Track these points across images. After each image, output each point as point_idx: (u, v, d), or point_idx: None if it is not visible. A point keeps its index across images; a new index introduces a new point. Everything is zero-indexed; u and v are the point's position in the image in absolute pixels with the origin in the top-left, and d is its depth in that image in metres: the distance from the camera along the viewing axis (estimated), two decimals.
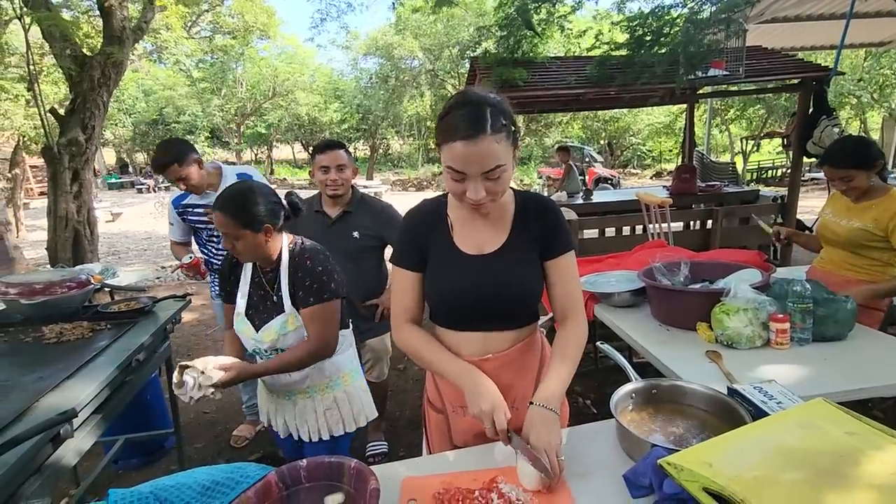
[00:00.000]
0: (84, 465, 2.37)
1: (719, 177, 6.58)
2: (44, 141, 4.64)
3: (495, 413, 0.98)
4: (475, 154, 0.95)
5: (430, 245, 1.15)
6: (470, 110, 0.96)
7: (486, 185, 0.99)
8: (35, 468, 1.19)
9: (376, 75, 19.72)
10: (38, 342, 1.78)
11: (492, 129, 0.95)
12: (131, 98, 20.60)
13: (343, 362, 1.62)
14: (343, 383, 1.61)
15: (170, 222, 2.48)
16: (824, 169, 1.97)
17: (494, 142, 0.96)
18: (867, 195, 1.94)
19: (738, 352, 1.56)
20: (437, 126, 1.02)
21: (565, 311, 1.17)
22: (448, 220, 1.16)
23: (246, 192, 1.41)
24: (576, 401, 2.88)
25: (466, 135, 0.94)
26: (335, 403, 1.59)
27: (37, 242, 8.48)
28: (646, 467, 0.90)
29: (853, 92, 13.87)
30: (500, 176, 0.99)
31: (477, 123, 0.94)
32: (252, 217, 1.38)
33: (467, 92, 1.02)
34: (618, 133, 22.20)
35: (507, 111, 1.00)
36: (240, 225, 1.37)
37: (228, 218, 1.37)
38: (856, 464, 0.79)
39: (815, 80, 4.32)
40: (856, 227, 1.93)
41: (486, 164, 0.97)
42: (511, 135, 1.00)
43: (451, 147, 0.96)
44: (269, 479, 0.91)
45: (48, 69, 8.15)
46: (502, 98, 1.02)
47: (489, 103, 0.98)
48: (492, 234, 1.14)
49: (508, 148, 1.00)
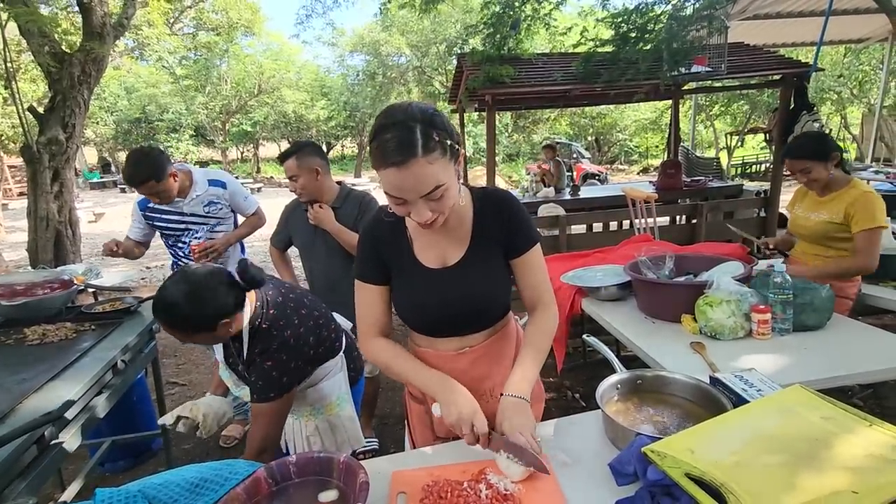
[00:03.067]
0: (69, 468, 2.34)
1: (704, 172, 6.67)
2: (22, 140, 4.54)
3: (475, 418, 0.98)
4: (409, 180, 0.90)
5: (391, 259, 1.13)
6: (396, 132, 0.89)
7: (430, 205, 0.95)
8: (19, 471, 1.18)
9: (363, 72, 19.59)
10: (20, 344, 1.76)
11: (423, 149, 0.88)
12: (113, 96, 20.19)
13: (329, 390, 1.52)
14: (326, 412, 1.53)
15: (132, 222, 2.44)
16: (786, 163, 2.04)
17: (427, 163, 0.89)
18: (830, 188, 2.01)
19: (721, 343, 1.60)
20: (369, 149, 0.94)
21: (534, 302, 1.18)
22: (407, 232, 1.14)
23: (185, 300, 1.18)
24: (564, 394, 2.91)
25: (396, 161, 0.88)
26: (317, 431, 1.52)
27: (16, 244, 8.31)
28: (630, 455, 0.91)
29: (833, 88, 14.13)
30: (441, 195, 0.93)
31: (406, 147, 0.88)
32: (200, 322, 1.21)
33: (392, 110, 0.93)
34: (605, 129, 22.35)
35: (441, 124, 0.92)
36: (189, 333, 1.22)
37: (175, 331, 1.22)
38: (831, 447, 0.81)
39: (795, 76, 4.39)
40: (823, 220, 2.01)
41: (423, 188, 0.91)
42: (448, 149, 0.93)
43: (385, 174, 0.90)
44: (258, 475, 0.92)
45: (26, 66, 7.97)
46: (433, 111, 0.94)
47: (417, 120, 0.90)
48: (452, 244, 1.11)
49: (447, 164, 0.93)
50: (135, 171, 2.15)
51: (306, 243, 2.24)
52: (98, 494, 0.83)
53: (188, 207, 2.37)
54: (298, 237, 2.26)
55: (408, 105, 0.94)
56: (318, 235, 2.18)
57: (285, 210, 2.33)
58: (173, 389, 3.34)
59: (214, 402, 1.38)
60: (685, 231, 4.65)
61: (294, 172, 2.07)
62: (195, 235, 2.42)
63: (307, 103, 21.47)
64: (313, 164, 2.08)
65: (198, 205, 2.39)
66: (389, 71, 18.84)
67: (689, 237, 4.40)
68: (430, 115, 0.92)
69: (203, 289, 1.20)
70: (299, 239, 2.26)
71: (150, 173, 2.15)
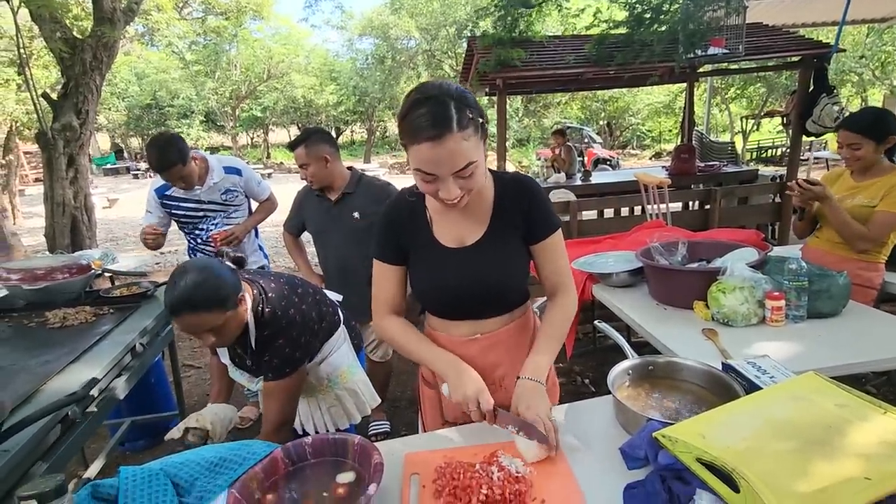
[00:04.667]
0: (92, 446, 2.42)
1: (718, 156, 6.56)
2: (37, 126, 4.60)
3: (480, 395, 1.00)
4: (443, 155, 0.90)
5: (409, 240, 1.14)
6: (432, 108, 0.89)
7: (459, 182, 0.95)
8: (45, 449, 1.22)
9: (372, 56, 19.43)
10: (42, 327, 1.80)
11: (458, 125, 0.89)
12: (124, 82, 20.28)
13: (338, 361, 1.61)
14: (341, 381, 1.62)
15: (147, 210, 2.41)
16: (839, 132, 1.97)
17: (462, 139, 0.90)
18: (871, 173, 1.95)
19: (733, 329, 1.59)
20: (400, 126, 0.94)
21: (555, 288, 1.18)
22: (427, 212, 1.14)
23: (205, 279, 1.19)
24: (574, 380, 2.92)
25: (431, 135, 0.88)
26: (338, 401, 1.61)
27: (34, 229, 8.45)
28: (641, 440, 0.92)
29: (854, 69, 13.71)
30: (472, 173, 0.94)
31: (442, 122, 0.88)
32: (227, 295, 1.22)
33: (425, 86, 0.94)
34: (617, 113, 21.99)
35: (472, 102, 0.94)
36: (221, 310, 1.21)
37: (203, 313, 1.19)
38: (844, 434, 0.81)
39: (815, 58, 4.27)
40: (858, 205, 1.94)
41: (456, 163, 0.92)
42: (479, 127, 0.94)
43: (417, 149, 0.90)
44: (275, 455, 0.94)
45: (38, 52, 8.01)
46: (464, 89, 0.95)
47: (452, 97, 0.90)
48: (472, 225, 1.12)
49: (478, 142, 0.94)
50: (162, 155, 2.15)
51: (320, 229, 2.25)
52: (122, 472, 0.86)
53: (206, 195, 2.38)
54: (312, 223, 2.28)
55: (441, 81, 0.95)
56: (332, 221, 2.19)
57: (298, 196, 2.34)
58: (189, 372, 3.41)
59: (219, 409, 1.40)
60: (698, 217, 4.59)
61: (304, 161, 2.08)
62: (212, 222, 2.43)
63: (316, 88, 21.38)
64: (322, 151, 2.08)
65: (215, 192, 2.40)
66: (399, 55, 18.66)
67: (702, 223, 4.35)
68: (462, 93, 0.93)
69: (208, 269, 1.22)
70: (313, 225, 2.28)
71: (178, 158, 2.16)
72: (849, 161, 1.97)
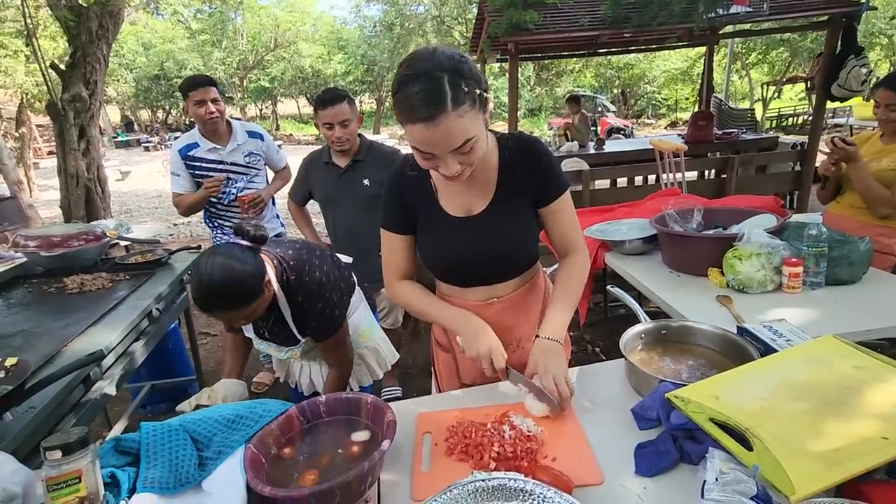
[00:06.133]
0: (114, 409, 2.51)
1: (737, 124, 6.37)
2: (47, 98, 4.59)
3: (493, 353, 1.01)
4: (439, 135, 0.85)
5: (416, 209, 1.12)
6: (424, 85, 0.83)
7: (459, 158, 0.91)
8: (69, 407, 1.26)
9: (380, 23, 18.97)
10: (61, 293, 1.84)
11: (453, 102, 0.83)
12: (131, 52, 20.12)
13: (357, 321, 1.64)
14: (363, 340, 1.66)
15: (174, 173, 2.35)
16: (879, 92, 1.91)
17: (458, 117, 0.84)
18: None
19: (748, 296, 1.56)
20: (393, 102, 0.89)
21: (566, 248, 1.17)
22: (432, 181, 1.12)
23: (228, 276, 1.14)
24: (585, 348, 2.93)
25: (425, 116, 0.83)
26: (361, 359, 1.66)
27: (49, 202, 8.57)
28: (653, 401, 0.92)
29: (885, 31, 13.08)
30: (471, 148, 0.90)
31: (434, 101, 0.82)
32: (255, 287, 1.18)
33: (416, 60, 0.87)
34: (632, 81, 21.37)
35: (468, 72, 0.86)
36: (250, 302, 1.19)
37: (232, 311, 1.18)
38: (861, 395, 0.80)
39: (844, 17, 4.06)
40: (883, 168, 1.90)
41: (453, 143, 0.87)
42: (477, 99, 0.87)
43: (412, 129, 0.86)
44: (290, 413, 0.96)
45: (45, 22, 7.93)
46: (460, 56, 0.88)
47: (444, 70, 0.83)
48: (478, 192, 1.09)
49: (476, 115, 0.88)
50: (193, 77, 2.29)
51: (328, 197, 2.24)
52: (143, 427, 0.89)
53: (229, 156, 2.38)
54: (320, 190, 2.26)
55: (433, 52, 0.87)
56: (341, 188, 2.17)
57: (303, 164, 2.30)
58: (205, 339, 3.49)
59: (230, 384, 1.40)
60: (714, 186, 4.49)
61: (347, 116, 2.05)
62: (235, 185, 2.42)
63: (324, 57, 21.04)
64: (356, 111, 2.10)
65: (238, 154, 2.41)
66: (407, 21, 18.19)
67: (718, 192, 4.26)
68: (457, 63, 0.86)
69: (231, 257, 1.17)
70: (321, 192, 2.26)
71: (207, 78, 2.28)
72: (883, 122, 1.92)
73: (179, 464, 0.84)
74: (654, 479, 0.82)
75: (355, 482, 0.77)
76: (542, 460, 0.87)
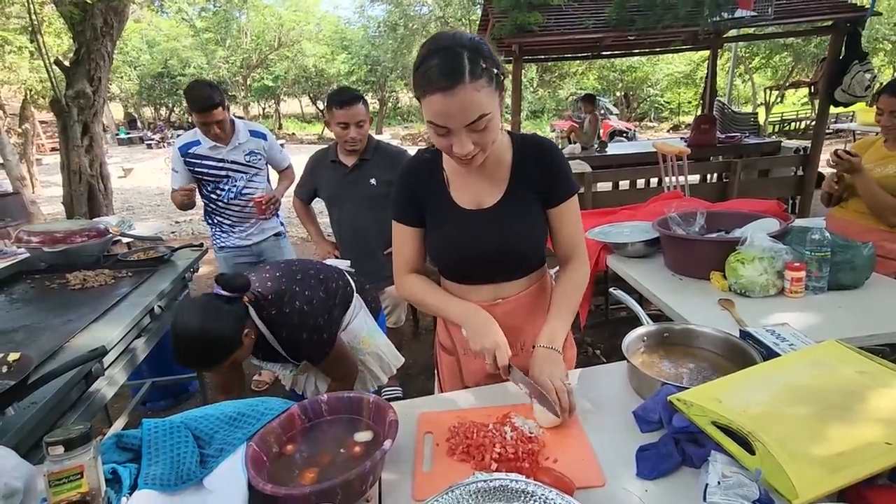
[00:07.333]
0: (115, 406, 2.51)
1: (740, 128, 6.37)
2: (51, 94, 4.60)
3: (497, 350, 1.01)
4: (455, 106, 0.88)
5: (426, 201, 1.13)
6: (444, 58, 0.87)
7: (472, 136, 0.93)
8: (70, 403, 1.27)
9: (384, 23, 18.98)
10: (63, 289, 1.85)
11: (470, 75, 0.87)
12: (135, 50, 20.11)
13: (357, 328, 1.64)
14: (364, 346, 1.66)
15: (174, 169, 2.37)
16: (882, 99, 1.92)
17: (474, 90, 0.88)
18: None
19: (751, 300, 1.56)
20: (413, 77, 0.93)
21: (568, 254, 1.17)
22: (444, 174, 1.12)
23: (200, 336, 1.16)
24: (586, 350, 2.93)
25: (443, 86, 0.87)
26: (364, 366, 1.66)
27: (52, 198, 8.58)
28: (655, 404, 0.92)
29: (889, 37, 13.05)
30: (486, 126, 0.92)
31: (453, 72, 0.86)
32: (231, 342, 1.21)
33: (439, 37, 0.93)
34: (635, 84, 21.32)
35: (487, 52, 0.91)
36: (229, 355, 1.22)
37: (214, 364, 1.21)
38: (865, 399, 0.80)
39: (849, 22, 4.06)
40: (888, 174, 1.90)
41: (469, 115, 0.90)
42: (494, 78, 0.91)
43: (430, 101, 0.89)
44: (292, 411, 0.96)
45: (50, 19, 7.96)
46: (480, 39, 0.93)
47: (465, 47, 0.88)
48: (489, 186, 1.10)
49: (492, 94, 0.92)
50: (209, 94, 2.19)
51: (334, 195, 2.25)
52: (145, 424, 0.89)
53: (229, 154, 2.37)
54: (326, 189, 2.26)
55: (454, 32, 0.93)
56: (348, 187, 2.18)
57: (309, 162, 2.32)
58: None
59: None
60: (716, 189, 4.50)
61: (363, 117, 2.07)
62: (235, 184, 2.42)
63: (328, 57, 21.03)
64: (369, 112, 2.12)
65: (239, 153, 2.40)
66: (411, 22, 18.21)
67: (720, 196, 4.26)
68: (476, 43, 0.91)
69: (207, 314, 1.19)
70: (326, 191, 2.27)
71: (221, 99, 2.22)
72: (888, 129, 1.91)
73: (181, 461, 0.84)
74: (656, 482, 0.81)
75: (357, 481, 0.77)
76: (543, 462, 0.87)
